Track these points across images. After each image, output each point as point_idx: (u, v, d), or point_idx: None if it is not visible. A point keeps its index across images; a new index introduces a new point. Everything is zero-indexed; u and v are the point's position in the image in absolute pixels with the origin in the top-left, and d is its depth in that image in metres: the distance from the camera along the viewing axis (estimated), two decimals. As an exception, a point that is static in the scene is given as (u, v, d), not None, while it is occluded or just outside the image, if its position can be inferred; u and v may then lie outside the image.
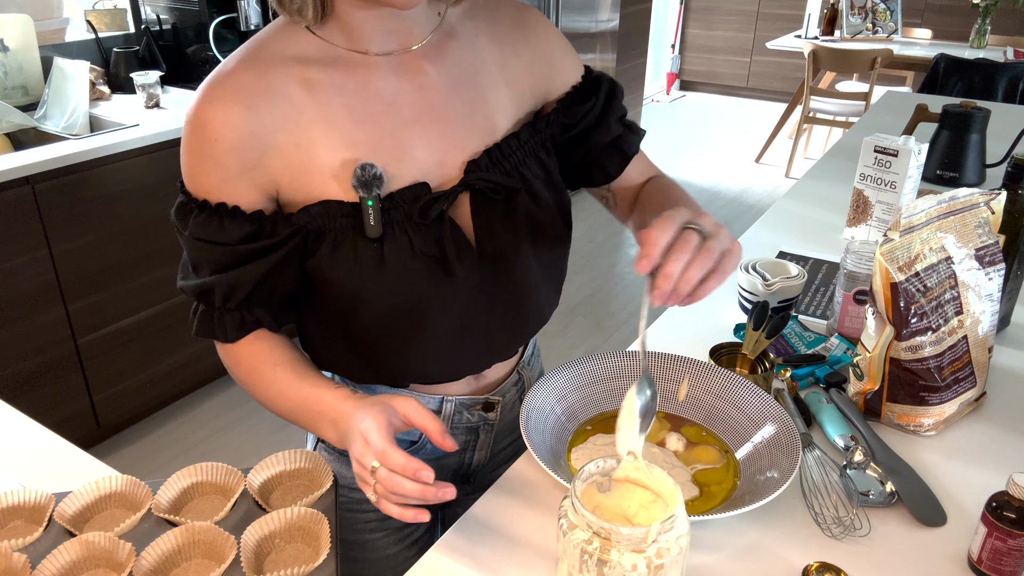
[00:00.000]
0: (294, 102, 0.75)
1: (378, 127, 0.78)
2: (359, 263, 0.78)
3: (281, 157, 0.76)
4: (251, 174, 0.76)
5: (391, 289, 0.79)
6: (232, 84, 0.74)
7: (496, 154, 0.84)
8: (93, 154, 2.06)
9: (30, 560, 0.72)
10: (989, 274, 0.98)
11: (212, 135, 0.73)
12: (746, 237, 1.57)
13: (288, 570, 0.71)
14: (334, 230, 0.78)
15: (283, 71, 0.75)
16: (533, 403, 0.93)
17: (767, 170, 4.99)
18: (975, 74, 3.71)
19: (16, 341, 2.04)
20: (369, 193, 0.76)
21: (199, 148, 0.75)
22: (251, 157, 0.75)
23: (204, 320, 0.83)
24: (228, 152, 0.74)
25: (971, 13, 5.07)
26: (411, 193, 0.78)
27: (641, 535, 0.61)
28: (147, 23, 2.77)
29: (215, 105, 0.73)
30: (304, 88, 0.75)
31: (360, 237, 0.77)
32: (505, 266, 0.85)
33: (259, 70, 0.75)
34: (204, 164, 0.75)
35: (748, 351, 1.04)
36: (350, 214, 0.77)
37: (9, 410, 1.04)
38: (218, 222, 0.76)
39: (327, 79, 0.76)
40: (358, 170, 0.76)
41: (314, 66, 0.76)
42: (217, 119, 0.73)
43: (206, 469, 0.84)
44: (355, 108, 0.77)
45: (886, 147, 1.42)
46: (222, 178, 0.75)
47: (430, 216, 0.79)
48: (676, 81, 6.89)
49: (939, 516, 0.84)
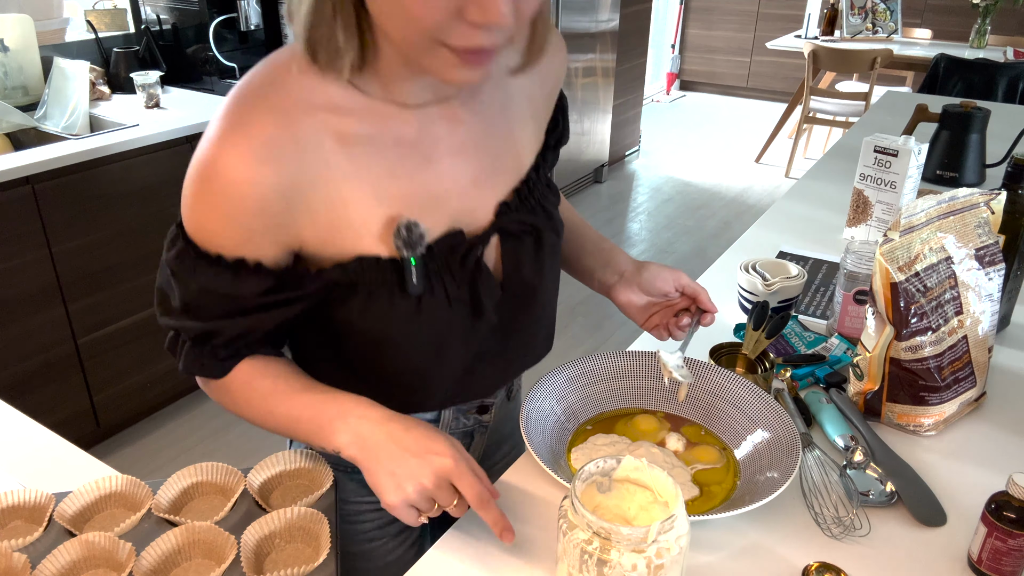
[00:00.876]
0: (327, 158, 0.69)
1: (412, 180, 0.74)
2: (394, 317, 0.75)
3: (310, 216, 0.70)
4: (275, 232, 0.70)
5: (422, 336, 0.77)
6: (257, 137, 0.66)
7: (524, 192, 0.82)
8: (93, 154, 2.06)
9: (30, 560, 0.72)
10: (989, 274, 0.98)
11: (236, 196, 0.66)
12: (746, 237, 1.57)
13: (288, 570, 0.71)
14: (368, 284, 0.74)
15: (313, 122, 0.68)
16: (533, 403, 0.93)
17: (767, 170, 5.00)
18: (975, 74, 3.71)
19: (16, 341, 2.04)
20: (414, 252, 0.73)
21: (218, 206, 0.67)
22: (278, 217, 0.69)
23: (193, 356, 0.77)
24: (254, 215, 0.67)
25: (971, 13, 5.07)
26: (447, 243, 0.76)
27: (641, 535, 0.61)
28: (147, 23, 2.77)
29: (239, 163, 0.65)
30: (338, 143, 0.70)
31: (398, 293, 0.74)
32: (528, 299, 0.85)
33: (285, 120, 0.67)
34: (222, 223, 0.68)
35: (748, 351, 1.04)
36: (388, 269, 0.73)
37: (9, 410, 1.04)
38: (232, 276, 0.70)
39: (362, 133, 0.71)
40: (403, 231, 0.72)
41: (347, 118, 0.70)
42: (242, 179, 0.66)
43: (206, 469, 0.84)
44: (390, 162, 0.73)
45: (886, 147, 1.42)
46: (243, 238, 0.69)
47: (469, 264, 0.77)
48: (676, 81, 6.89)
49: (939, 516, 0.84)
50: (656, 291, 0.97)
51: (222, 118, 0.67)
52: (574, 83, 4.05)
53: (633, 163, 5.10)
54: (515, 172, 0.83)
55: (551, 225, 0.85)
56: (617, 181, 4.77)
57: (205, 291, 0.71)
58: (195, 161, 0.68)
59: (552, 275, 0.88)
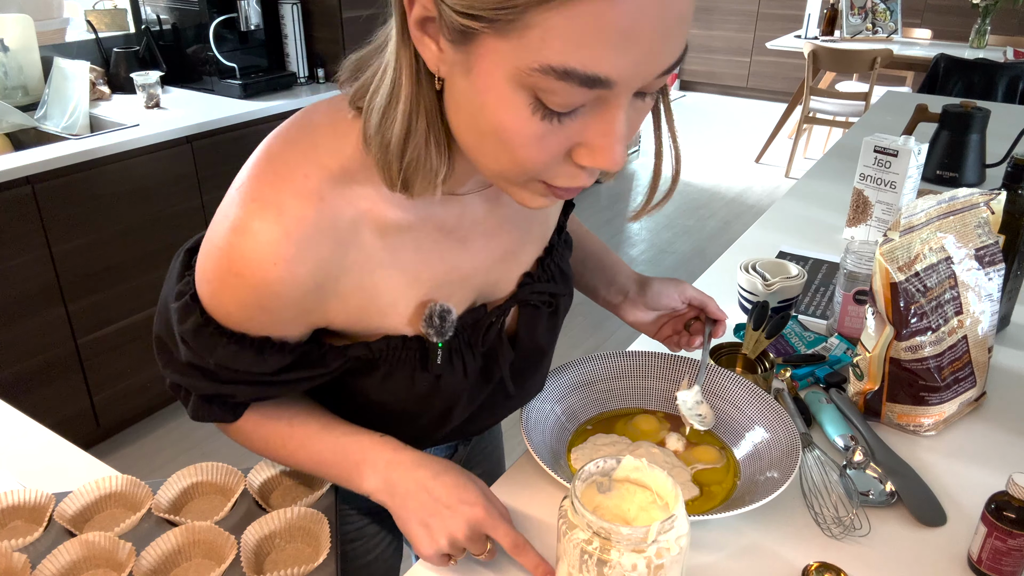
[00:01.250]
0: (364, 249, 0.65)
1: (444, 263, 0.71)
2: (413, 391, 0.74)
3: (341, 301, 0.67)
4: (305, 317, 0.67)
5: (435, 407, 0.77)
6: (293, 227, 0.60)
7: (548, 261, 0.81)
8: (93, 154, 2.06)
9: (30, 560, 0.72)
10: (989, 274, 0.98)
11: (268, 294, 0.62)
12: (746, 237, 1.57)
13: (288, 570, 0.71)
14: (390, 362, 0.72)
15: (353, 211, 0.63)
16: (533, 403, 0.93)
17: (767, 170, 5.00)
18: (975, 74, 3.71)
19: (16, 341, 2.04)
20: (443, 337, 0.71)
21: (246, 299, 0.62)
22: (309, 306, 0.65)
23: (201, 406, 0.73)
24: (285, 307, 0.64)
25: (971, 13, 5.07)
26: (470, 318, 0.75)
27: (641, 535, 0.61)
28: (147, 23, 2.77)
29: (272, 258, 0.60)
30: (377, 233, 0.65)
31: (418, 370, 0.73)
32: (537, 361, 0.86)
33: (325, 207, 0.61)
34: (250, 312, 0.64)
35: (748, 351, 1.04)
36: (412, 348, 0.72)
37: (9, 410, 1.04)
38: (256, 354, 0.67)
39: (403, 222, 0.67)
40: (436, 320, 0.70)
41: (389, 206, 0.65)
42: (275, 279, 0.61)
43: (206, 469, 0.84)
44: (426, 249, 0.69)
45: (886, 147, 1.42)
46: (271, 323, 0.65)
47: (489, 341, 0.77)
48: (676, 81, 6.89)
49: (939, 516, 0.84)
50: (663, 308, 0.98)
51: (252, 190, 0.60)
52: (574, 83, 4.05)
53: (633, 163, 5.10)
54: (542, 241, 0.81)
55: (567, 290, 0.85)
56: (617, 181, 4.77)
57: (223, 366, 0.67)
58: (220, 242, 0.61)
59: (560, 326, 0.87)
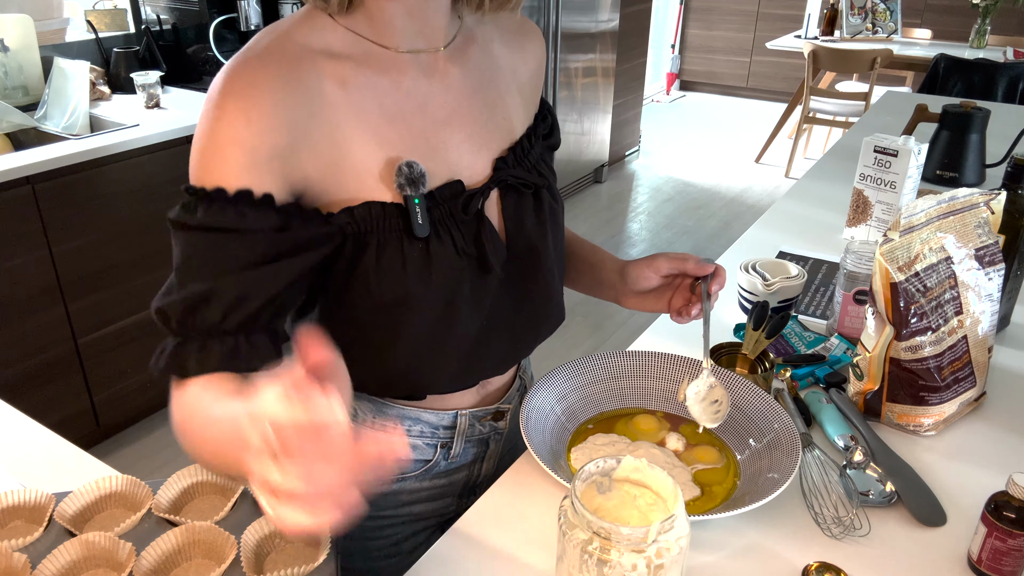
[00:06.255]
0: (327, 98, 0.72)
1: (409, 127, 0.77)
2: (407, 266, 0.76)
3: (314, 151, 0.72)
4: (281, 163, 0.69)
5: (436, 292, 0.78)
6: (262, 74, 0.69)
7: (519, 152, 0.85)
8: (93, 154, 2.06)
9: (30, 560, 0.72)
10: (989, 274, 0.98)
11: (242, 117, 0.67)
12: (746, 237, 1.57)
13: (288, 570, 0.71)
14: (378, 232, 0.75)
15: (313, 64, 0.72)
16: (533, 403, 0.93)
17: (767, 170, 4.99)
18: (975, 74, 3.71)
19: (16, 341, 2.04)
20: (416, 191, 0.75)
21: (223, 131, 0.67)
22: (283, 144, 0.69)
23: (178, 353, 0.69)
24: (259, 134, 0.68)
25: (971, 13, 5.07)
26: (449, 190, 0.78)
27: (641, 535, 0.61)
28: (147, 23, 2.77)
29: (246, 90, 0.68)
30: (338, 85, 0.73)
31: (407, 237, 0.75)
32: (533, 261, 0.86)
33: (288, 62, 0.70)
34: (228, 148, 0.67)
35: (748, 351, 1.04)
36: (394, 215, 0.75)
37: (9, 410, 1.04)
38: (236, 211, 0.67)
39: (361, 77, 0.74)
40: (404, 168, 0.74)
41: (346, 62, 0.74)
42: (248, 103, 0.67)
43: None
44: (388, 107, 0.76)
45: (886, 147, 1.42)
46: (248, 163, 0.68)
47: (471, 212, 0.79)
48: (676, 81, 6.89)
49: (939, 516, 0.84)
50: (646, 289, 0.96)
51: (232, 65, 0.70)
52: (574, 83, 4.05)
53: (633, 163, 5.10)
54: (507, 135, 0.86)
55: (549, 186, 0.88)
56: (617, 181, 4.78)
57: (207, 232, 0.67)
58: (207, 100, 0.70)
59: (556, 243, 0.89)
